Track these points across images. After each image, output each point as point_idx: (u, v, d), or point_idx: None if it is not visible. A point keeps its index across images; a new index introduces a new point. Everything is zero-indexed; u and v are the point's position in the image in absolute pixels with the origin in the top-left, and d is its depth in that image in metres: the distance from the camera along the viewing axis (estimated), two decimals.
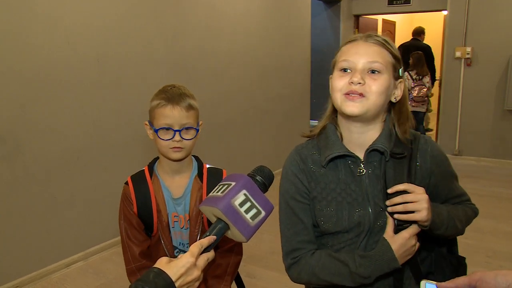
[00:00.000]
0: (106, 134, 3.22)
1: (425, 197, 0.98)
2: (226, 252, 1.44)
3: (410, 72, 5.71)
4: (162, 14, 3.55)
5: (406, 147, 1.04)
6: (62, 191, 2.97)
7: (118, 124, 3.29)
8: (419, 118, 5.94)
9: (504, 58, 5.38)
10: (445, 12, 6.00)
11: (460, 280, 0.67)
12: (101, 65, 3.12)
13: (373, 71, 0.99)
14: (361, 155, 1.06)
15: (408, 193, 0.99)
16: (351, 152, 1.04)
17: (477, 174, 5.31)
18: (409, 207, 0.98)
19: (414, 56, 5.71)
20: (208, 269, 1.44)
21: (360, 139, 1.06)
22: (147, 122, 1.37)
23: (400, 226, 1.02)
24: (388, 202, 1.01)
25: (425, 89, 5.70)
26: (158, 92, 1.36)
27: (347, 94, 0.99)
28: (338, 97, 1.02)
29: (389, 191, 1.00)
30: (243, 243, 1.49)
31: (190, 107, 1.31)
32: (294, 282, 1.14)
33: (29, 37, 2.69)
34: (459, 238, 1.24)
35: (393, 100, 1.05)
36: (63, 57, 2.88)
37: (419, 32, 6.49)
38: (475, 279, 0.67)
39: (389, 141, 1.03)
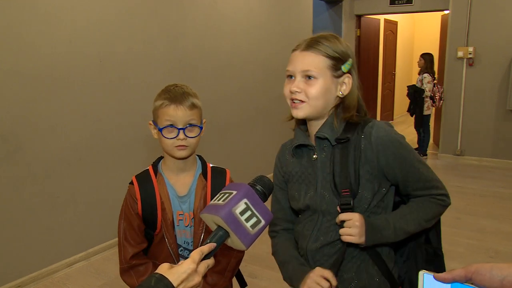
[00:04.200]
0: (108, 133, 3.22)
1: (356, 222, 1.10)
2: (227, 249, 1.43)
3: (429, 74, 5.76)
4: (164, 14, 3.55)
5: (352, 133, 1.16)
6: (64, 190, 2.97)
7: (120, 123, 3.30)
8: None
9: (506, 58, 5.37)
10: (446, 12, 5.99)
11: (457, 271, 0.69)
12: (103, 64, 3.13)
13: (309, 77, 1.13)
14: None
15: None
16: (308, 142, 1.22)
17: (479, 174, 5.31)
18: (345, 232, 1.12)
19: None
20: None
21: (314, 129, 1.21)
22: (151, 122, 1.39)
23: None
24: (337, 220, 1.15)
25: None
26: (161, 92, 1.37)
27: (291, 100, 1.16)
28: (288, 102, 1.19)
29: (337, 220, 1.14)
30: None
31: (193, 106, 1.32)
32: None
33: (31, 36, 2.70)
34: (461, 238, 1.26)
35: (340, 95, 1.17)
36: (65, 57, 2.88)
37: None
38: (471, 271, 0.68)
39: (332, 129, 1.17)
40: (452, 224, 3.64)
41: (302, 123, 1.27)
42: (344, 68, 1.15)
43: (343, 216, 1.11)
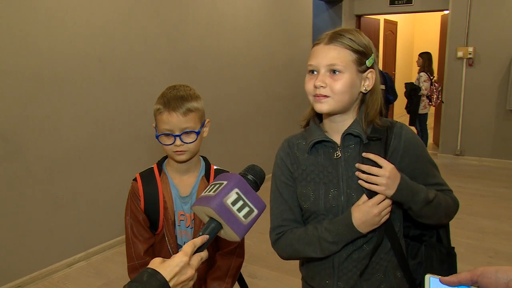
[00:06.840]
0: (108, 133, 3.22)
1: (386, 173, 1.05)
2: (227, 254, 1.43)
3: (427, 73, 5.73)
4: (164, 14, 3.55)
5: (382, 132, 1.14)
6: (64, 190, 2.97)
7: (120, 123, 3.30)
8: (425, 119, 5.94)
9: (506, 58, 5.37)
10: (446, 12, 5.99)
11: (462, 275, 0.70)
12: (103, 64, 3.13)
13: (334, 72, 1.08)
14: (338, 140, 1.16)
15: (377, 165, 1.08)
16: (329, 138, 1.16)
17: (479, 174, 5.31)
18: (371, 179, 1.07)
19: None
20: (208, 271, 1.44)
21: (338, 126, 1.16)
22: (154, 125, 1.38)
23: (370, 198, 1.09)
24: (357, 165, 1.10)
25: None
26: (160, 94, 1.35)
27: (315, 96, 1.11)
28: (310, 99, 1.14)
29: (364, 155, 1.10)
30: (244, 244, 1.50)
31: (188, 111, 1.29)
32: (280, 257, 1.26)
33: (31, 36, 2.70)
34: (461, 238, 1.27)
35: (363, 90, 1.14)
36: (65, 57, 2.88)
37: None
38: (476, 274, 0.69)
39: (361, 127, 1.13)
40: (452, 224, 3.61)
41: (318, 119, 1.22)
42: (368, 62, 1.12)
43: (372, 169, 1.06)
